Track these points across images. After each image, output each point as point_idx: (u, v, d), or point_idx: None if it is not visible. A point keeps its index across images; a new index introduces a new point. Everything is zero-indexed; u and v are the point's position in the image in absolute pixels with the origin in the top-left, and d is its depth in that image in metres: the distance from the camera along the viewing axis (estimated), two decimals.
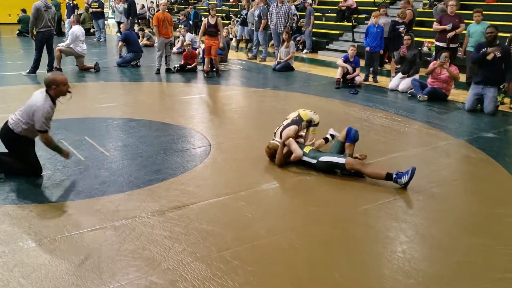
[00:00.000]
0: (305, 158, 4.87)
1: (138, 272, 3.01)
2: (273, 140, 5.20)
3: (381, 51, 10.33)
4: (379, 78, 10.18)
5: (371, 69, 10.14)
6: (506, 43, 8.12)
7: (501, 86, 7.54)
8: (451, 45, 9.35)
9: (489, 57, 7.28)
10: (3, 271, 3.00)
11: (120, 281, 2.91)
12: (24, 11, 19.36)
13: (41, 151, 4.97)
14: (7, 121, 4.51)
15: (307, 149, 4.93)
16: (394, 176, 4.47)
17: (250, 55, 13.66)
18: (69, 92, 4.49)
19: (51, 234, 3.45)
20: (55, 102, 4.50)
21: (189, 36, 13.66)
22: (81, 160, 5.03)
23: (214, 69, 10.75)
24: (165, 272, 3.02)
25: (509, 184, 4.64)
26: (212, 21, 10.33)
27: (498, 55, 7.25)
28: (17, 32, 19.24)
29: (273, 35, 12.58)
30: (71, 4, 18.45)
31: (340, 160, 4.71)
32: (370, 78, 10.08)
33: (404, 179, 4.41)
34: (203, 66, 11.15)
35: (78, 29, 10.81)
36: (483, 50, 7.43)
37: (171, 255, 3.22)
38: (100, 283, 2.89)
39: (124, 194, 4.20)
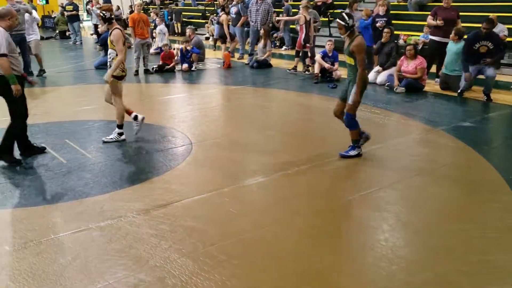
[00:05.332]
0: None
1: (126, 271, 3.03)
2: None
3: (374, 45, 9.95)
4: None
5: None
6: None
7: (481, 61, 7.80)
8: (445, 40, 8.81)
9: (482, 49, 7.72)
10: None
11: (108, 280, 2.93)
12: None
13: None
14: None
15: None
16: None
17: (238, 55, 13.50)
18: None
19: (37, 237, 3.45)
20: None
21: (163, 28, 13.78)
22: (63, 163, 5.01)
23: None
24: (152, 269, 3.05)
25: (487, 172, 4.78)
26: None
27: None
28: None
29: (251, 33, 12.50)
30: None
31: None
32: None
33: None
34: (181, 66, 11.17)
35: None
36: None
37: (158, 252, 3.25)
38: (89, 282, 2.91)
39: (108, 195, 4.21)
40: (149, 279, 2.95)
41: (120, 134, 5.74)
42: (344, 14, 4.94)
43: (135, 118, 5.80)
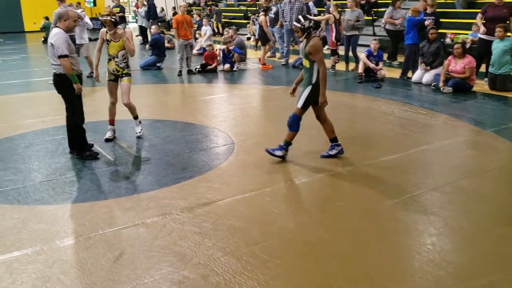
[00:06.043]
0: None
1: (171, 267, 3.09)
2: None
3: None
4: (397, 70, 10.02)
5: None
6: None
7: None
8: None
9: None
10: (44, 267, 3.12)
11: (154, 276, 2.99)
12: (47, 18, 19.77)
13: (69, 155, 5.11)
14: (53, 73, 5.07)
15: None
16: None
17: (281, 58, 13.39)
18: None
19: (86, 232, 3.57)
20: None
21: (208, 30, 13.97)
22: (111, 161, 5.16)
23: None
24: (196, 267, 3.09)
25: None
26: None
27: None
28: (42, 39, 19.67)
29: (285, 33, 12.28)
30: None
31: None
32: (409, 73, 9.61)
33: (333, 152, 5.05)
34: (223, 66, 11.25)
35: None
36: None
37: (201, 250, 3.29)
38: (135, 277, 2.98)
39: (154, 192, 4.30)
40: (193, 276, 2.99)
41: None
42: (300, 16, 4.90)
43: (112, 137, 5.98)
